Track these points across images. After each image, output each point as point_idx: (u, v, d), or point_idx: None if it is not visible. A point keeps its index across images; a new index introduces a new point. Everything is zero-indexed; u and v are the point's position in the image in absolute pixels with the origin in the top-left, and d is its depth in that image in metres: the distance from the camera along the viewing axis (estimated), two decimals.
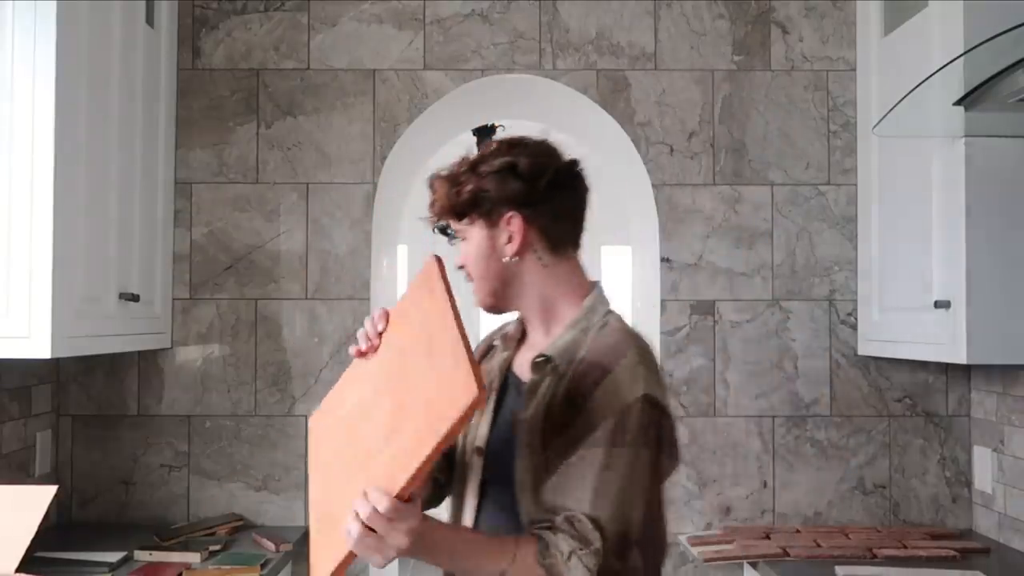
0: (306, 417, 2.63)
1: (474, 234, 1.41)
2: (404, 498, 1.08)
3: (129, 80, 2.36)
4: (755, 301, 2.67)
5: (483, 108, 3.18)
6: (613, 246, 6.89)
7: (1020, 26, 1.73)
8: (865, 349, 2.62)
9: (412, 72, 2.69)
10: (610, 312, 1.44)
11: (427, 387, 1.14)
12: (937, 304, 2.16)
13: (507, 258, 1.39)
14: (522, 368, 1.44)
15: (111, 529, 2.54)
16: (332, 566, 1.09)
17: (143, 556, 2.22)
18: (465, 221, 1.41)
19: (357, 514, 1.08)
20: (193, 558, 2.20)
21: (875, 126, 2.34)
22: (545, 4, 2.71)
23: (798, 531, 2.55)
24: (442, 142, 3.20)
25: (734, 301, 2.67)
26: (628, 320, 1.46)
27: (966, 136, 2.09)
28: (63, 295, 1.97)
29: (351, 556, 1.09)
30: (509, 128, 4.81)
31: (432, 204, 1.44)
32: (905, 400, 2.66)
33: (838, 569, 2.17)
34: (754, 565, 2.34)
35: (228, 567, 2.14)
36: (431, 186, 1.44)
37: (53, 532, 2.48)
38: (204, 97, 2.69)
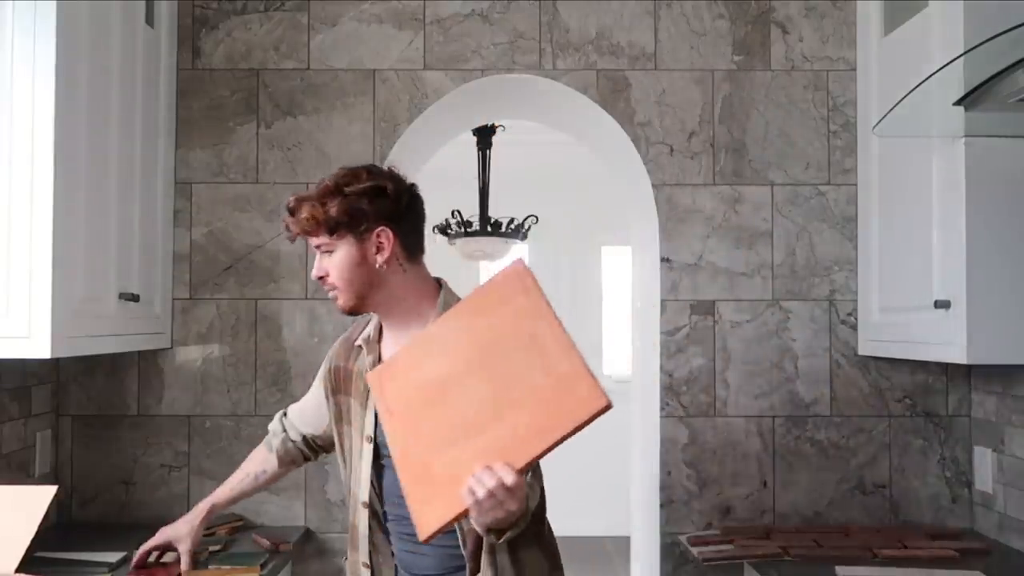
0: None
1: (342, 247, 1.64)
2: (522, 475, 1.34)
3: (129, 80, 2.36)
4: (755, 301, 2.67)
5: (483, 108, 3.18)
6: (613, 246, 6.90)
7: (1020, 26, 1.73)
8: (865, 349, 2.63)
9: (412, 72, 2.70)
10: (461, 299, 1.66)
11: (542, 384, 1.34)
12: (937, 304, 2.16)
13: (378, 266, 1.64)
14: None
15: (111, 529, 2.54)
16: (444, 519, 1.31)
17: None
18: (334, 236, 1.63)
19: (480, 481, 1.30)
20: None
21: (875, 126, 2.34)
22: (545, 4, 2.71)
23: (798, 531, 2.55)
24: (442, 142, 3.20)
25: (734, 301, 2.67)
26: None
27: (966, 136, 2.09)
28: (63, 295, 1.97)
29: (464, 513, 1.32)
30: (509, 128, 4.83)
31: (297, 222, 1.64)
32: (905, 400, 2.66)
33: (838, 569, 2.17)
34: (754, 565, 2.34)
35: (228, 567, 2.14)
36: (295, 208, 1.65)
37: (53, 532, 2.48)
38: (204, 97, 2.69)
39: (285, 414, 2.02)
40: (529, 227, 5.30)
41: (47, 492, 1.58)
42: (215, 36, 2.69)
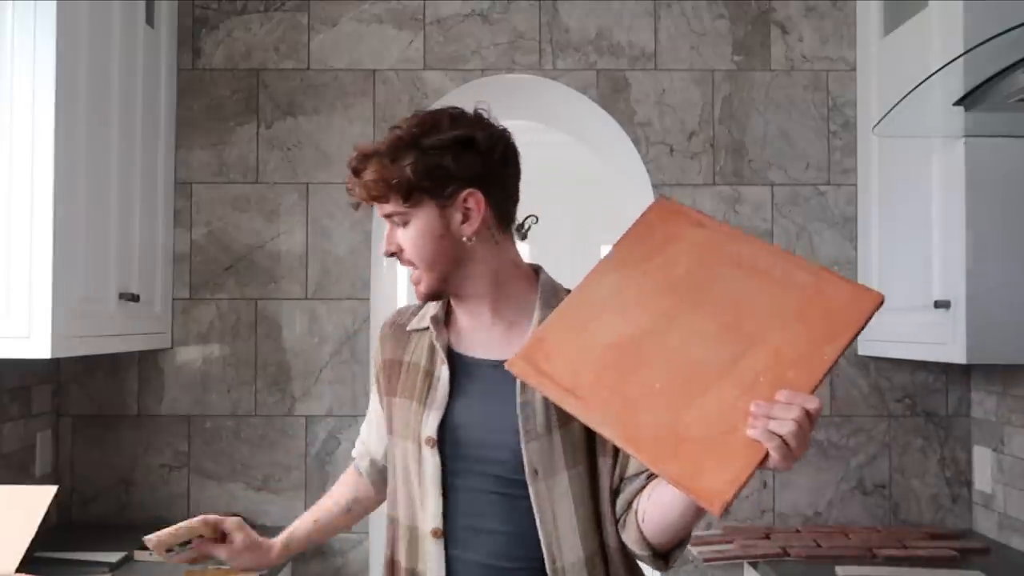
0: (307, 418, 2.64)
1: (421, 215, 1.31)
2: None
3: (129, 80, 2.36)
4: None
5: None
6: None
7: (1020, 26, 1.73)
8: (865, 349, 2.62)
9: (412, 72, 2.69)
10: (568, 289, 1.39)
11: (786, 300, 1.15)
12: (937, 304, 2.16)
13: (465, 238, 1.32)
14: (478, 348, 1.38)
15: (111, 529, 2.54)
16: (742, 475, 1.06)
17: (143, 556, 2.22)
18: (409, 203, 1.30)
19: (775, 416, 1.05)
20: None
21: (875, 126, 2.34)
22: (545, 4, 2.71)
23: (798, 531, 2.55)
24: None
25: None
26: None
27: (966, 136, 2.09)
28: (63, 295, 1.97)
29: (765, 460, 1.07)
30: (509, 128, 4.82)
31: (363, 184, 1.32)
32: (905, 400, 2.66)
33: (838, 569, 2.17)
34: (754, 565, 2.34)
35: (228, 567, 2.14)
36: (358, 166, 1.33)
37: (53, 532, 2.48)
38: (204, 97, 2.69)
39: (361, 439, 1.65)
40: (529, 227, 5.28)
41: (47, 492, 1.58)
42: (215, 36, 2.69)
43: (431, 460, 1.34)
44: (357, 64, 2.69)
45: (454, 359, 1.39)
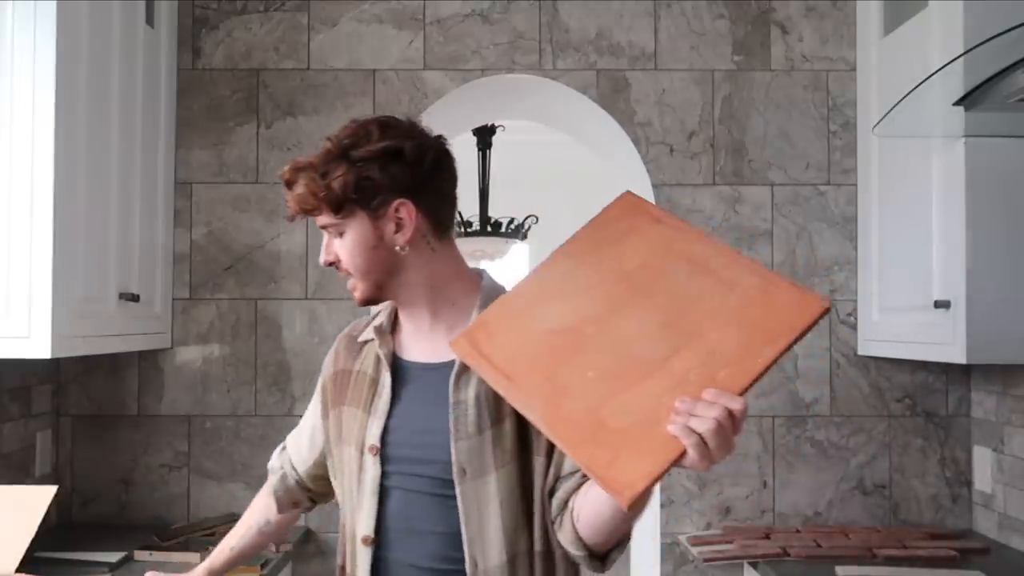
0: None
1: (354, 226, 1.32)
2: None
3: (129, 80, 2.36)
4: None
5: (483, 108, 3.18)
6: None
7: (1020, 26, 1.73)
8: (865, 349, 2.62)
9: (412, 72, 2.69)
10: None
11: (730, 302, 1.15)
12: (937, 304, 2.16)
13: (398, 247, 1.33)
14: (419, 354, 1.40)
15: (111, 529, 2.54)
16: (655, 470, 1.05)
17: (143, 556, 2.22)
18: (341, 214, 1.32)
19: (697, 413, 1.04)
20: (193, 558, 2.19)
21: (875, 126, 2.34)
22: (545, 4, 2.71)
23: (798, 531, 2.55)
24: None
25: None
26: None
27: (966, 136, 2.09)
28: (63, 295, 1.97)
29: (681, 458, 1.05)
30: (509, 128, 4.82)
31: (294, 198, 1.33)
32: (905, 400, 2.66)
33: (838, 569, 2.17)
34: (754, 565, 2.34)
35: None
36: (290, 179, 1.34)
37: (53, 532, 2.48)
38: (204, 97, 2.69)
39: (284, 447, 1.68)
40: (529, 227, 5.29)
41: (47, 492, 1.58)
42: (215, 36, 2.69)
43: (371, 467, 1.36)
44: (357, 64, 2.69)
45: (398, 366, 1.41)
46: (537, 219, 5.35)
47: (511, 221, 5.23)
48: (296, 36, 2.69)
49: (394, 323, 1.46)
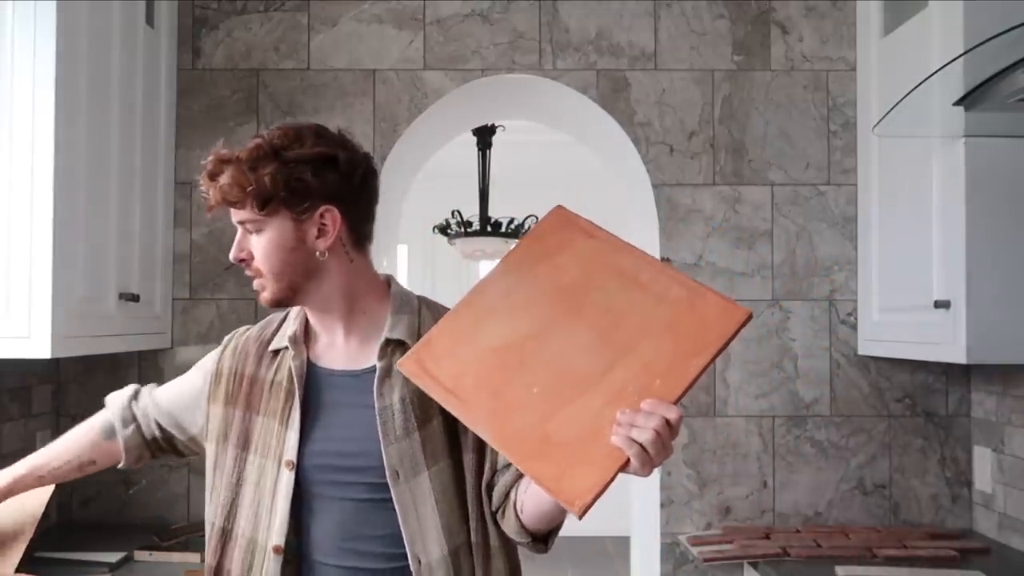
0: None
1: (275, 225, 1.33)
2: None
3: (129, 80, 2.36)
4: (755, 301, 2.67)
5: (483, 108, 3.18)
6: None
7: (1020, 26, 1.73)
8: (865, 349, 2.62)
9: (412, 72, 2.70)
10: (420, 296, 1.46)
11: (659, 313, 1.21)
12: (937, 304, 2.16)
13: (318, 252, 1.34)
14: (337, 362, 1.41)
15: (111, 529, 2.54)
16: (602, 480, 1.10)
17: (143, 556, 2.22)
18: (264, 211, 1.32)
19: (636, 424, 1.09)
20: (193, 558, 2.20)
21: (875, 126, 2.34)
22: (545, 4, 2.71)
23: (798, 531, 2.55)
24: (442, 142, 3.20)
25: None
26: None
27: (966, 136, 2.09)
28: (63, 295, 1.97)
29: (625, 466, 1.11)
30: (509, 128, 4.83)
31: (219, 188, 1.33)
32: (905, 400, 2.66)
33: (838, 569, 2.17)
34: (754, 565, 2.34)
35: None
36: (215, 169, 1.33)
37: (53, 532, 2.48)
38: (204, 97, 2.69)
39: (137, 395, 1.58)
40: (529, 227, 5.29)
41: (46, 491, 1.58)
42: (215, 36, 2.69)
43: (285, 480, 1.36)
44: (357, 64, 2.69)
45: (315, 375, 1.41)
46: (537, 219, 5.34)
47: (511, 221, 5.23)
48: (296, 36, 2.69)
49: (305, 332, 1.45)
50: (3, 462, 2.32)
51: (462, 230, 5.18)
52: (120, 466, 1.56)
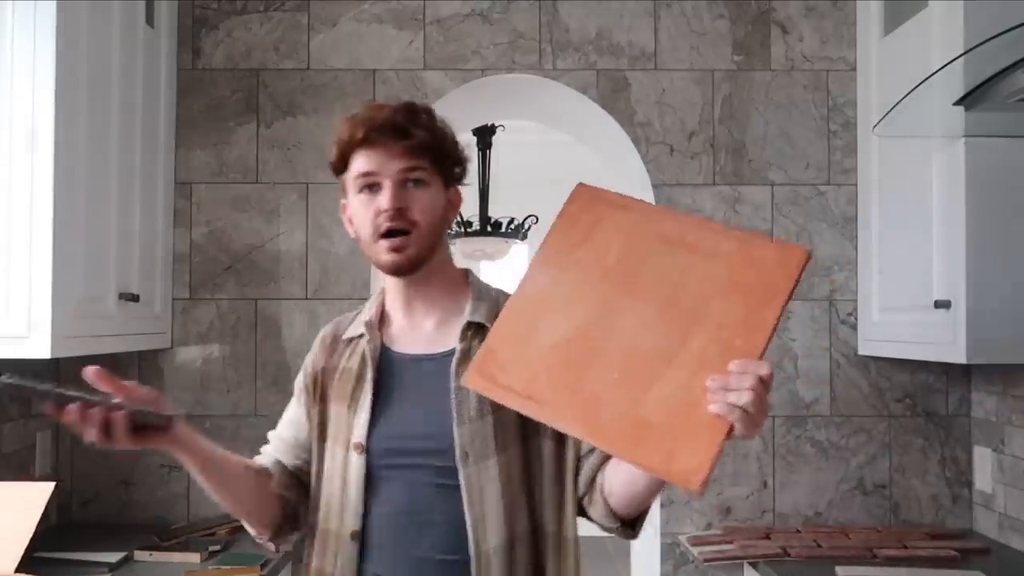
0: None
1: (435, 185, 1.37)
2: None
3: (129, 80, 2.36)
4: None
5: (483, 108, 3.18)
6: None
7: (1020, 26, 1.73)
8: (865, 349, 2.62)
9: (412, 72, 2.69)
10: (496, 287, 1.49)
11: (716, 272, 1.16)
12: (937, 304, 2.16)
13: (448, 226, 1.41)
14: (412, 346, 1.42)
15: (111, 529, 2.54)
16: (712, 451, 1.07)
17: (143, 556, 2.22)
18: (434, 169, 1.36)
19: (730, 388, 1.06)
20: (193, 558, 2.20)
21: (875, 126, 2.34)
22: (545, 4, 2.71)
23: (798, 531, 2.55)
24: None
25: None
26: None
27: (966, 136, 2.09)
28: (63, 295, 1.97)
29: (730, 432, 1.08)
30: (509, 128, 4.83)
31: (418, 125, 1.34)
32: (905, 400, 2.66)
33: (838, 569, 2.17)
34: (754, 565, 2.34)
35: (228, 567, 2.14)
36: (410, 115, 1.35)
37: (53, 532, 2.48)
38: (204, 97, 2.69)
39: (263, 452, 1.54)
40: (529, 227, 5.30)
41: (45, 488, 1.58)
42: (215, 36, 2.69)
43: (356, 464, 1.36)
44: (357, 64, 2.69)
45: (388, 360, 1.42)
46: (537, 219, 5.35)
47: (511, 221, 5.23)
48: (296, 36, 2.69)
49: (380, 319, 1.47)
50: (3, 462, 2.33)
51: (462, 230, 5.17)
52: (268, 507, 1.49)
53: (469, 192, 5.24)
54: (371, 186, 1.36)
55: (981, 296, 2.08)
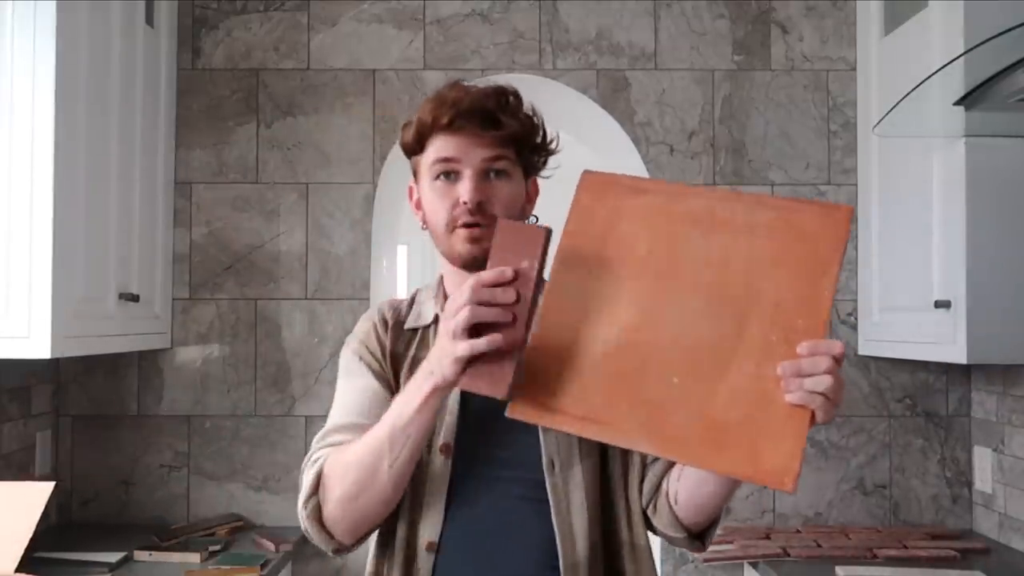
0: (306, 418, 2.64)
1: (517, 177, 1.29)
2: None
3: (129, 80, 2.36)
4: None
5: None
6: None
7: (1020, 26, 1.73)
8: (865, 349, 2.62)
9: (412, 72, 2.69)
10: None
11: (757, 246, 1.06)
12: (937, 304, 2.16)
13: (526, 217, 1.30)
14: None
15: (111, 529, 2.54)
16: (798, 447, 1.01)
17: (143, 556, 2.22)
18: (519, 158, 1.29)
19: (804, 371, 0.98)
20: (193, 558, 2.20)
21: (875, 126, 2.34)
22: (545, 4, 2.71)
23: (798, 531, 2.55)
24: None
25: None
26: None
27: (966, 136, 2.09)
28: (63, 295, 1.97)
29: (812, 421, 1.01)
30: None
31: (518, 118, 1.27)
32: (905, 400, 2.66)
33: (838, 569, 2.17)
34: (754, 565, 2.34)
35: (228, 567, 2.14)
36: (514, 102, 1.28)
37: (53, 532, 2.48)
38: (204, 97, 2.69)
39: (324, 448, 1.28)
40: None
41: (45, 488, 1.58)
42: (215, 36, 2.69)
43: (441, 469, 1.26)
44: (357, 64, 2.69)
45: None
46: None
47: None
48: (296, 36, 2.69)
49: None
50: (3, 462, 2.33)
51: None
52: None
53: None
54: (449, 173, 1.27)
55: (981, 296, 2.08)
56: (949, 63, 1.89)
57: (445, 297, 1.35)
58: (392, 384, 1.31)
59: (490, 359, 1.05)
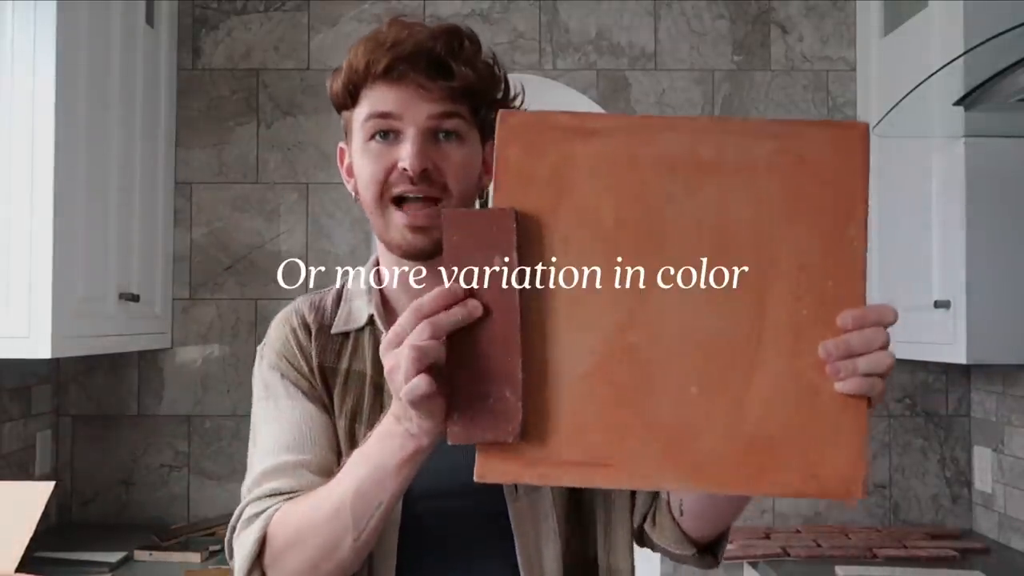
0: None
1: (471, 141, 1.03)
2: None
3: (129, 80, 2.36)
4: None
5: None
6: None
7: (1020, 26, 1.73)
8: None
9: None
10: None
11: (766, 189, 0.80)
12: (937, 304, 2.16)
13: (481, 190, 1.05)
14: None
15: (111, 529, 2.54)
16: (858, 440, 0.78)
17: (143, 556, 2.22)
18: (474, 116, 1.03)
19: (856, 349, 0.77)
20: (193, 558, 2.20)
21: (875, 126, 2.34)
22: (545, 4, 2.71)
23: (798, 531, 2.55)
24: None
25: None
26: None
27: (966, 136, 2.09)
28: (63, 295, 1.97)
29: (872, 410, 0.79)
30: None
31: (463, 60, 1.03)
32: (905, 400, 2.66)
33: (838, 569, 2.17)
34: (754, 565, 2.34)
35: (228, 567, 2.14)
36: (456, 38, 1.05)
37: (53, 532, 2.48)
38: (204, 97, 2.69)
39: (259, 492, 1.03)
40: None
41: (45, 487, 1.57)
42: (215, 36, 2.69)
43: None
44: None
45: None
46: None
47: None
48: (296, 36, 2.69)
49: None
50: (3, 462, 2.33)
51: None
52: None
53: None
54: (386, 132, 1.02)
55: (981, 296, 2.08)
56: (949, 63, 1.89)
57: (381, 294, 1.13)
58: (327, 403, 1.07)
59: (477, 391, 0.78)
